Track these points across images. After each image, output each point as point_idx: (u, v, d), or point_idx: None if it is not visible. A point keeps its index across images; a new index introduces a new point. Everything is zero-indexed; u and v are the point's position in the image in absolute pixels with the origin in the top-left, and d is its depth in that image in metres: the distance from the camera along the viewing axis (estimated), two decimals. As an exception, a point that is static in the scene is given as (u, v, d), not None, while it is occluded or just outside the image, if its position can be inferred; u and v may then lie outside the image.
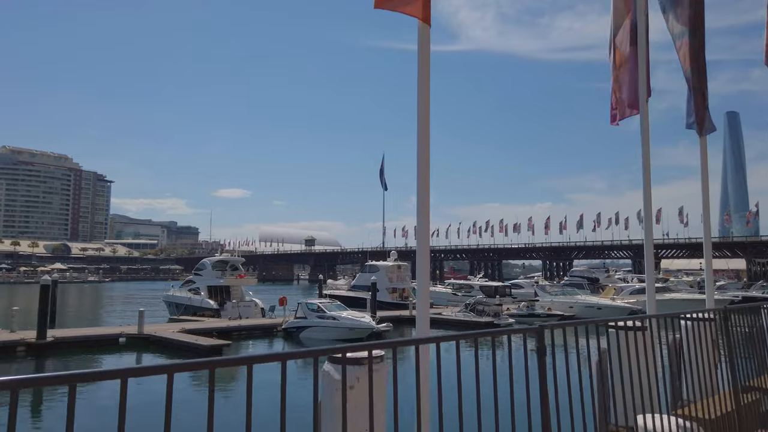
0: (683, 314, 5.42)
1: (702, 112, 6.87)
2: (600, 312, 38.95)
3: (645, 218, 6.51)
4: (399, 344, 2.91)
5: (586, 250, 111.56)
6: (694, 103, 6.99)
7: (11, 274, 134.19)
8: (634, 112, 6.76)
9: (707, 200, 7.09)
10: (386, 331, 29.86)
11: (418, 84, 4.00)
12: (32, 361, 22.85)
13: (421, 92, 3.99)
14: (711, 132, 7.04)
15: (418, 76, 4.01)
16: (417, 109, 4.03)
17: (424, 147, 4.02)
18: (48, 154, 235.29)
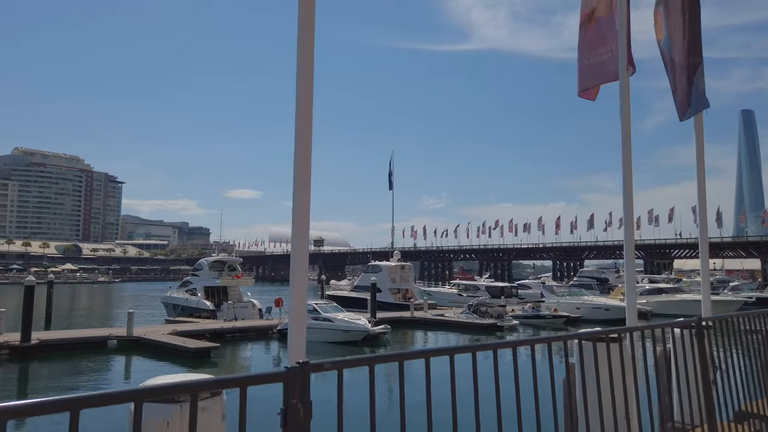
0: (665, 325, 4.48)
1: (686, 89, 5.92)
2: (608, 313, 37.82)
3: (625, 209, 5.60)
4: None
5: (597, 250, 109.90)
6: (675, 79, 6.04)
7: (22, 274, 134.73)
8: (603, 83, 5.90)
9: (703, 187, 6.14)
10: (383, 333, 28.96)
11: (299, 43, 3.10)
12: (15, 364, 22.23)
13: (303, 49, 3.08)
14: (698, 112, 6.07)
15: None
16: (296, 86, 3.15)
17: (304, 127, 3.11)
18: (60, 156, 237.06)
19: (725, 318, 4.90)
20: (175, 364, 22.57)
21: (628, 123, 5.66)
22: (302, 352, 2.91)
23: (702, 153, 6.13)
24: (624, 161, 5.67)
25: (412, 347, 31.09)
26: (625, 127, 5.52)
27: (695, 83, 6.07)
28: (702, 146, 6.14)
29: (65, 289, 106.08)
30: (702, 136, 6.15)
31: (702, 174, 6.13)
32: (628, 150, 5.73)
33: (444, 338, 33.11)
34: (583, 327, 35.75)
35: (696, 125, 6.16)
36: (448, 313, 38.79)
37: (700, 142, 6.11)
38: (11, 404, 1.47)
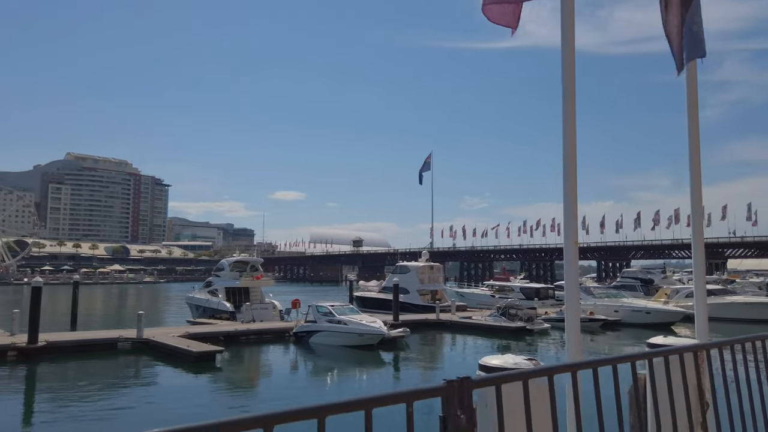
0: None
1: (678, 28, 4.40)
2: (648, 316, 35.30)
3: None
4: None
5: (645, 249, 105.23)
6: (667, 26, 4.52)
7: (72, 275, 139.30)
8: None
9: (697, 164, 4.54)
10: (401, 337, 27.52)
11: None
12: (23, 366, 21.88)
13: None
14: (690, 60, 4.49)
15: None
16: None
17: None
18: (109, 160, 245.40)
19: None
20: (178, 368, 21.81)
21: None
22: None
23: (695, 116, 4.54)
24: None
25: (441, 353, 29.59)
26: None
27: (687, 22, 4.50)
28: (695, 107, 4.54)
29: (113, 290, 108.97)
30: (695, 94, 4.55)
31: (695, 144, 4.53)
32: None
33: (469, 342, 31.42)
34: (621, 331, 33.32)
35: (688, 79, 4.57)
36: (476, 315, 36.99)
37: (692, 99, 4.52)
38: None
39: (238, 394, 18.23)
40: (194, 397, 17.30)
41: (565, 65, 3.67)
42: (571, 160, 3.65)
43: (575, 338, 3.60)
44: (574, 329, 3.63)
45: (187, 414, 15.03)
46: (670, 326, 34.65)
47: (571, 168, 3.64)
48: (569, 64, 3.67)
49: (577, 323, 3.66)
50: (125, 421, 15.17)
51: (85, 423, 15.01)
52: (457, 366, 24.53)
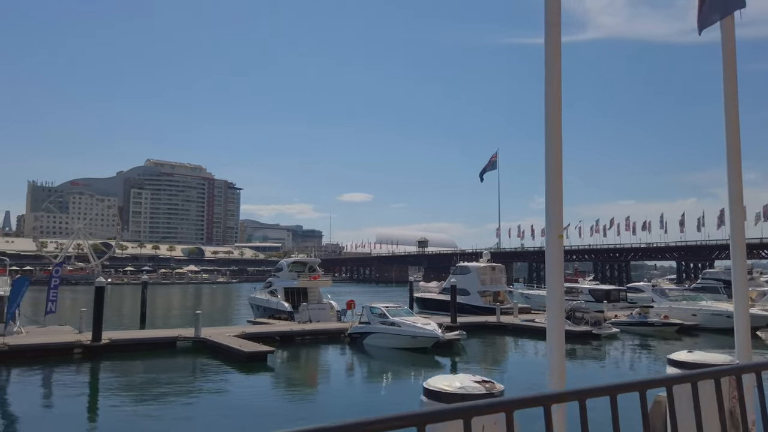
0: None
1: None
2: (729, 321, 32.40)
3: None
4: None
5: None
6: None
7: (151, 275, 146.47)
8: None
9: (736, 145, 3.66)
10: (456, 339, 26.61)
11: None
12: (87, 363, 22.71)
13: None
14: (725, 16, 3.61)
15: None
16: None
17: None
18: (185, 165, 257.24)
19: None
20: (231, 367, 21.95)
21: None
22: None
23: (733, 84, 3.63)
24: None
25: (505, 358, 28.46)
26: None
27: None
28: (733, 72, 3.64)
29: (189, 289, 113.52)
30: (733, 57, 3.65)
31: (733, 119, 3.62)
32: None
33: (529, 347, 30.08)
34: (699, 337, 30.93)
35: (724, 38, 3.67)
36: (539, 318, 35.41)
37: (729, 63, 3.61)
38: None
39: (284, 396, 18.04)
40: (237, 399, 17.23)
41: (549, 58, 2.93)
42: (556, 146, 2.91)
43: (558, 359, 2.84)
44: (558, 347, 2.87)
45: (222, 417, 14.93)
46: (755, 332, 31.83)
47: (556, 149, 2.90)
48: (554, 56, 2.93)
49: (561, 339, 2.89)
50: (174, 420, 15.31)
51: (137, 420, 15.24)
52: (515, 373, 23.40)
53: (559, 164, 2.96)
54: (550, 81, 2.94)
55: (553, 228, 2.93)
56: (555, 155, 2.95)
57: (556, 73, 2.95)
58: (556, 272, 2.93)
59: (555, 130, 2.95)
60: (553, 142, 2.95)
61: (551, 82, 2.95)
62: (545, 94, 2.96)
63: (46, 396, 18.43)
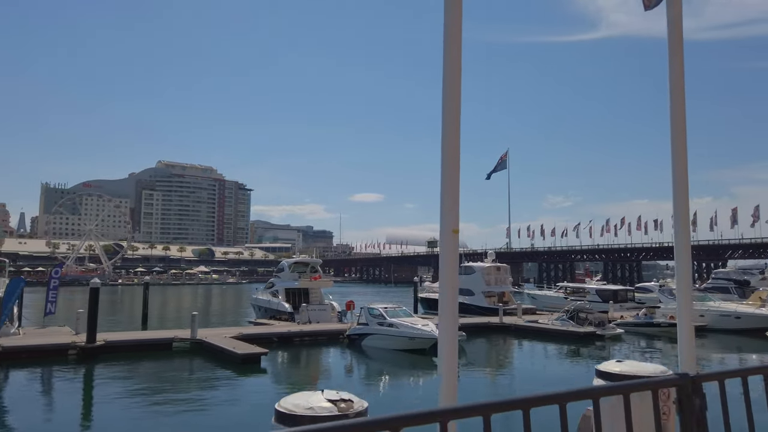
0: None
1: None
2: (738, 321, 31.91)
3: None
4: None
5: (743, 248, 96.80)
6: None
7: (162, 276, 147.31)
8: None
9: (681, 130, 3.29)
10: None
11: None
12: (82, 365, 22.59)
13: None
14: None
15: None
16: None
17: None
18: (196, 167, 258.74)
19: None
20: (225, 369, 21.72)
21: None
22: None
23: (680, 71, 3.25)
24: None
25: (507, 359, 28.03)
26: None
27: None
28: (680, 65, 3.26)
29: (199, 290, 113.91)
30: (680, 36, 3.27)
31: (680, 104, 3.24)
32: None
33: (532, 348, 29.58)
34: (707, 338, 30.30)
35: (670, 13, 3.29)
36: (544, 318, 34.88)
37: (675, 39, 3.23)
38: None
39: (272, 399, 17.69)
40: (223, 402, 16.98)
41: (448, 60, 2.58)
42: (452, 140, 2.56)
43: (449, 372, 2.49)
44: (449, 358, 2.51)
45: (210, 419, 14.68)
46: (764, 332, 31.10)
47: (452, 143, 2.55)
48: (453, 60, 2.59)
49: (453, 349, 2.54)
50: (167, 421, 15.12)
51: (128, 422, 15.05)
52: (513, 374, 22.96)
53: (455, 157, 2.62)
54: (448, 73, 2.60)
55: (447, 222, 2.57)
56: (451, 148, 2.60)
57: (455, 65, 2.61)
58: (450, 271, 2.57)
59: (453, 122, 2.61)
60: (449, 137, 2.60)
61: (450, 73, 2.61)
62: (443, 85, 2.62)
63: (38, 398, 18.29)
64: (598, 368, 3.16)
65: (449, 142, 2.60)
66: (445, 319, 2.56)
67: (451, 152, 2.60)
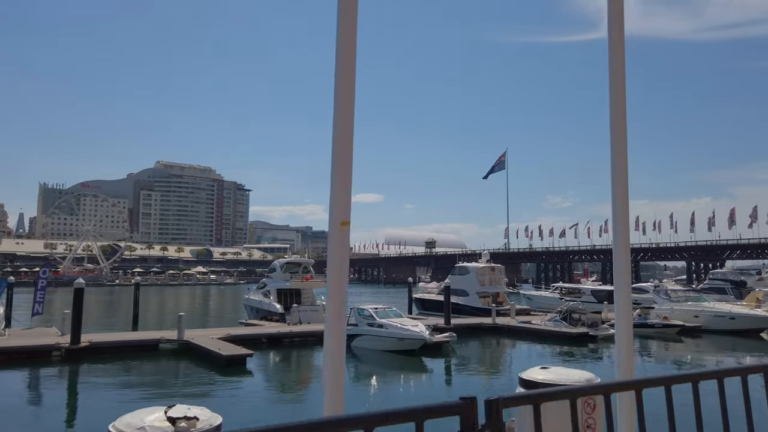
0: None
1: None
2: (733, 322, 31.62)
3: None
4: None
5: (741, 249, 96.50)
6: None
7: (159, 276, 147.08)
8: None
9: (620, 120, 3.04)
10: (446, 342, 25.91)
11: None
12: (66, 366, 22.28)
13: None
14: None
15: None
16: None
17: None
18: (195, 167, 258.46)
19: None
20: (209, 371, 21.43)
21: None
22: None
23: (621, 73, 3.02)
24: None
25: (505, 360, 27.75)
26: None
27: None
28: (621, 63, 3.03)
29: (197, 290, 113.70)
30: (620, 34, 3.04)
31: (619, 95, 2.99)
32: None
33: (523, 350, 29.29)
34: (702, 338, 30.00)
35: (612, 14, 3.06)
36: (537, 319, 34.61)
37: (615, 16, 2.97)
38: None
39: (253, 402, 17.41)
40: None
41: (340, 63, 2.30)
42: (346, 130, 2.27)
43: (335, 376, 2.21)
44: (334, 367, 2.23)
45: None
46: (758, 333, 30.85)
47: (345, 133, 2.27)
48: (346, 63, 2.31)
49: (340, 350, 2.25)
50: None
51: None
52: (503, 376, 22.67)
53: (348, 146, 2.34)
54: (340, 57, 2.33)
55: (336, 214, 2.30)
56: (344, 136, 2.33)
57: (347, 49, 2.34)
58: (338, 267, 2.29)
59: (346, 107, 2.34)
60: (342, 122, 2.32)
61: (342, 58, 2.34)
62: (335, 68, 2.35)
63: (19, 401, 17.96)
64: (522, 376, 2.88)
65: (342, 129, 2.33)
66: (331, 322, 2.29)
67: (344, 140, 2.33)
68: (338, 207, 2.31)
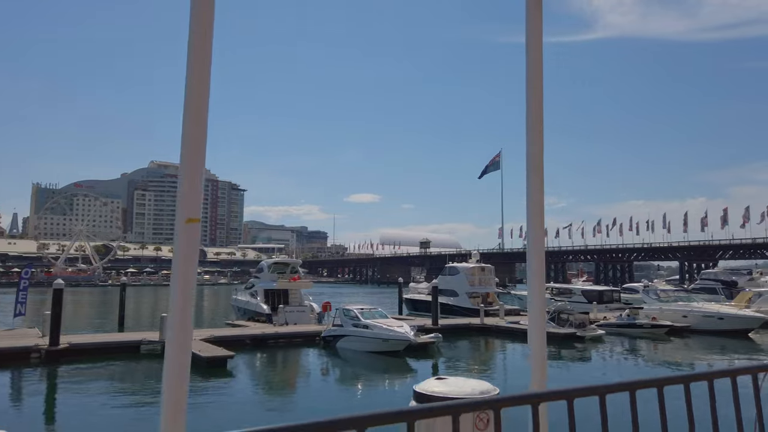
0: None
1: None
2: (721, 323, 31.50)
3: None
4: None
5: (734, 249, 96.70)
6: None
7: (153, 276, 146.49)
8: None
9: (537, 111, 2.82)
10: (431, 342, 25.67)
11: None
12: (45, 368, 21.93)
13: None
14: None
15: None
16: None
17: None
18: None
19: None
20: (191, 373, 21.05)
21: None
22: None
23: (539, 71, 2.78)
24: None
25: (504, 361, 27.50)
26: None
27: None
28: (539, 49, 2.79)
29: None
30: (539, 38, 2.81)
31: (536, 74, 2.75)
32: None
33: (509, 350, 29.08)
34: (690, 338, 29.81)
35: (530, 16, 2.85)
36: (525, 320, 34.36)
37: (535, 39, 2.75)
38: None
39: (230, 405, 17.12)
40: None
41: None
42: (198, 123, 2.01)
43: (175, 390, 1.96)
44: (176, 374, 1.98)
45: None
46: (746, 334, 30.70)
47: (197, 126, 2.01)
48: None
49: (185, 361, 2.00)
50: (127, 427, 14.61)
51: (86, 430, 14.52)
52: (487, 377, 22.42)
53: (201, 141, 2.09)
54: (192, 64, 2.09)
55: (183, 210, 2.05)
56: (196, 124, 2.07)
57: (203, 52, 2.09)
58: (185, 268, 2.05)
59: (199, 87, 2.08)
60: (194, 106, 2.07)
61: (194, 66, 2.09)
62: (186, 77, 2.10)
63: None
64: (416, 388, 2.63)
65: (193, 119, 2.07)
66: (175, 331, 2.04)
67: (196, 133, 2.07)
68: (186, 202, 2.06)
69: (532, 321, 2.84)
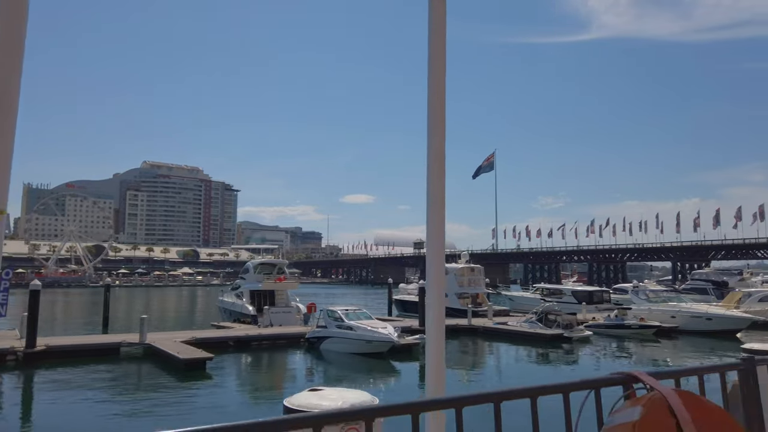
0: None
1: None
2: (710, 323, 31.34)
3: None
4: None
5: (726, 249, 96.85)
6: None
7: (145, 278, 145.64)
8: None
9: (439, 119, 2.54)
10: (415, 344, 25.38)
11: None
12: (21, 372, 21.52)
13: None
14: None
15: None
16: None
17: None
18: (182, 167, 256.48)
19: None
20: (169, 375, 20.78)
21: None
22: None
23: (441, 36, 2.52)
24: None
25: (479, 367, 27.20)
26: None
27: None
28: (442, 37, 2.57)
29: (183, 292, 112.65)
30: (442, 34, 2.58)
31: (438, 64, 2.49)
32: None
33: (496, 351, 28.82)
34: (679, 339, 29.53)
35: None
36: (513, 321, 34.19)
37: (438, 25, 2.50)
38: None
39: (201, 406, 16.76)
40: (154, 410, 16.07)
41: None
42: None
43: None
44: None
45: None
46: (735, 334, 30.51)
47: None
48: None
49: None
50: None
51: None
52: (473, 378, 22.15)
53: (10, 129, 1.77)
54: None
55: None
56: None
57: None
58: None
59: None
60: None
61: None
62: None
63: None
64: (286, 402, 2.35)
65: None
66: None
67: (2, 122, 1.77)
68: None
69: (430, 326, 2.54)
